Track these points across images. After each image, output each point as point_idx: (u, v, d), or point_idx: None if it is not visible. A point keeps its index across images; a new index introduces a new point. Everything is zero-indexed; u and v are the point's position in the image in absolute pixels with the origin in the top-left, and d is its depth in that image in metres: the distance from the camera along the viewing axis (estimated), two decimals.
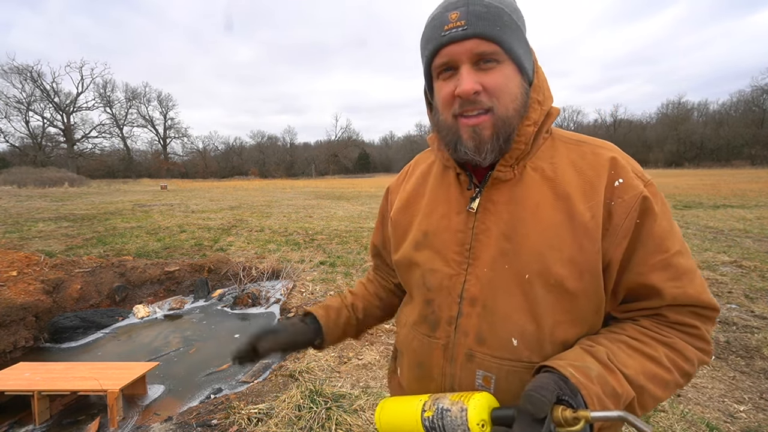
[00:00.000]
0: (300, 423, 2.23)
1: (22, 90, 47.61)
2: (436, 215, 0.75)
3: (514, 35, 0.63)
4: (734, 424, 2.22)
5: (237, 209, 13.02)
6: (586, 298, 0.64)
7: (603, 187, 0.63)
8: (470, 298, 0.68)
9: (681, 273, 0.63)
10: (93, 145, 54.91)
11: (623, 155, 0.68)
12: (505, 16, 0.62)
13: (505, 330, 0.65)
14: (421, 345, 0.74)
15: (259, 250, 6.96)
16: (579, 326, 0.65)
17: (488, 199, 0.69)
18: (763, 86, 51.61)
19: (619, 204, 0.62)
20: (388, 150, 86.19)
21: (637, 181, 0.64)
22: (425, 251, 0.75)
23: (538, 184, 0.67)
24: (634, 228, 0.62)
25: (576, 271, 0.62)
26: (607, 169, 0.65)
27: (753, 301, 3.99)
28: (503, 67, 0.63)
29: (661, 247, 0.62)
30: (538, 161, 0.68)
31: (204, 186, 33.47)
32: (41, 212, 11.46)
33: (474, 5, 0.61)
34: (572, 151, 0.69)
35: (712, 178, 24.77)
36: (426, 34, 0.66)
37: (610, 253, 0.63)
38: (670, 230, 0.63)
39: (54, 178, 27.41)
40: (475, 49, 0.61)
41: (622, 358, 0.60)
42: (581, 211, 0.63)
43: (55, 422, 2.92)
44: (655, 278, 0.62)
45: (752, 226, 7.94)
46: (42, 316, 4.49)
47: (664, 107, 66.69)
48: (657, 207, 0.63)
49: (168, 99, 67.87)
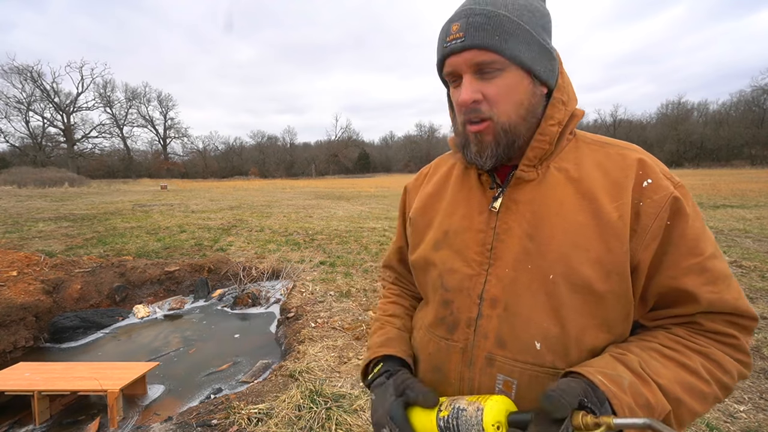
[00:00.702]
0: (300, 423, 2.23)
1: (22, 90, 47.68)
2: (458, 215, 0.74)
3: (518, 41, 0.62)
4: (734, 424, 2.22)
5: (237, 209, 13.02)
6: (614, 301, 0.61)
7: (630, 188, 0.62)
8: (491, 299, 0.66)
9: (717, 277, 0.60)
10: (93, 145, 55.00)
11: (651, 157, 0.67)
12: (508, 24, 0.61)
13: (527, 332, 0.63)
14: (438, 348, 0.72)
15: (259, 250, 6.96)
16: (607, 332, 0.63)
17: (511, 199, 0.69)
18: (763, 86, 51.61)
19: (648, 204, 0.61)
20: (388, 150, 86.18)
21: (666, 181, 0.62)
22: (444, 251, 0.73)
23: (562, 184, 0.66)
24: (665, 229, 0.60)
25: (603, 272, 0.60)
26: (634, 170, 0.64)
27: (753, 301, 3.99)
28: (506, 75, 0.63)
29: (694, 249, 0.60)
30: (562, 162, 0.68)
31: (204, 186, 33.47)
32: (41, 212, 11.46)
33: (474, 16, 0.62)
34: (597, 153, 0.68)
35: (712, 178, 24.77)
36: (437, 44, 0.68)
37: (638, 255, 0.61)
38: (703, 232, 0.62)
39: (54, 178, 27.42)
40: (473, 59, 0.62)
41: (655, 368, 0.57)
42: (608, 211, 0.61)
43: (55, 422, 2.92)
44: (690, 282, 0.60)
45: (752, 226, 7.93)
46: (42, 316, 4.49)
47: (664, 107, 66.68)
48: (688, 208, 0.61)
49: (168, 99, 67.95)
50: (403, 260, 0.95)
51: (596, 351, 0.62)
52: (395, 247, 0.97)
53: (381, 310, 0.92)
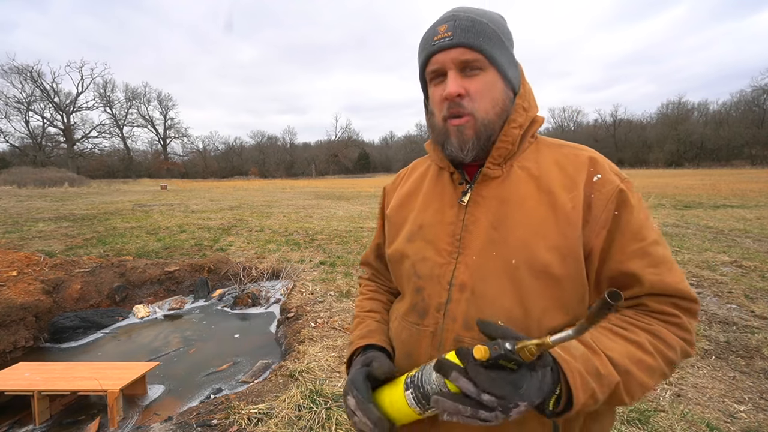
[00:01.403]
0: (300, 423, 2.23)
1: (22, 90, 47.71)
2: (431, 210, 0.81)
3: (497, 47, 0.70)
4: (734, 424, 2.21)
5: (237, 209, 13.02)
6: (570, 284, 0.67)
7: (583, 182, 0.69)
8: (459, 284, 0.71)
9: (659, 261, 0.66)
10: (93, 145, 55.03)
11: (601, 156, 0.74)
12: (489, 31, 0.70)
13: (491, 314, 0.68)
14: (409, 335, 0.77)
15: (259, 250, 6.96)
16: (565, 314, 0.68)
17: (478, 194, 0.75)
18: (763, 86, 51.60)
19: (597, 197, 0.68)
20: (388, 150, 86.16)
21: (614, 176, 0.70)
22: (417, 242, 0.79)
23: (524, 180, 0.73)
24: (612, 218, 0.67)
25: (560, 257, 0.66)
26: (586, 166, 0.71)
27: (753, 301, 3.99)
28: (486, 74, 0.70)
29: (638, 235, 0.66)
30: (524, 161, 0.75)
31: (204, 186, 33.48)
32: (41, 212, 11.47)
33: (460, 20, 0.69)
34: (555, 152, 0.76)
35: (712, 178, 24.77)
36: (420, 46, 0.76)
37: (591, 242, 0.67)
38: (646, 221, 0.68)
39: (54, 178, 27.43)
40: (460, 56, 0.69)
41: (605, 342, 0.61)
42: (563, 202, 0.68)
43: (55, 422, 2.92)
44: (634, 265, 0.65)
45: (752, 226, 7.93)
46: (42, 316, 4.49)
47: (664, 107, 66.66)
48: (633, 200, 0.68)
49: (168, 99, 67.98)
50: (380, 256, 1.00)
51: (555, 331, 0.65)
52: (374, 245, 1.02)
53: (359, 307, 0.96)
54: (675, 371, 2.74)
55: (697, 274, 4.92)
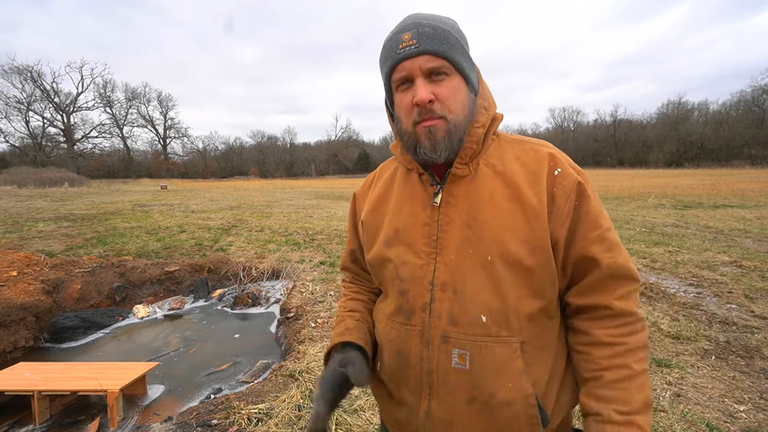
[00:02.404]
0: (300, 423, 2.23)
1: (22, 90, 47.70)
2: (405, 213, 0.82)
3: (459, 52, 0.73)
4: (734, 424, 2.21)
5: (237, 209, 13.02)
6: (541, 272, 0.72)
7: (545, 177, 0.74)
8: (441, 284, 0.74)
9: (613, 245, 0.73)
10: (93, 145, 55.03)
11: (558, 151, 0.79)
12: (451, 37, 0.72)
13: (474, 309, 0.72)
14: (398, 334, 0.79)
15: (259, 250, 6.96)
16: (539, 299, 0.73)
17: (449, 194, 0.78)
18: (763, 86, 51.61)
19: (559, 189, 0.73)
20: (388, 150, 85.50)
21: (571, 170, 0.75)
22: (396, 246, 0.81)
23: (491, 177, 0.76)
24: (574, 209, 0.73)
25: (530, 249, 0.71)
26: (547, 162, 0.76)
27: (753, 301, 3.99)
28: (452, 80, 0.73)
29: (595, 223, 0.73)
30: (490, 158, 0.79)
31: (204, 186, 33.48)
32: (41, 212, 11.47)
33: (423, 27, 0.71)
34: (516, 149, 0.80)
35: (712, 178, 24.76)
36: (383, 53, 0.77)
37: (556, 232, 0.72)
38: (600, 210, 0.75)
39: (54, 178, 27.43)
40: (427, 64, 0.71)
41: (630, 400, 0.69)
42: (529, 197, 0.73)
43: (55, 422, 2.92)
44: (594, 250, 0.72)
45: (752, 226, 7.94)
46: (42, 316, 4.49)
47: (664, 107, 66.67)
48: (589, 190, 0.74)
49: (168, 99, 68.06)
50: (356, 261, 1.04)
51: (532, 316, 0.73)
52: (348, 251, 1.05)
53: (341, 308, 1.00)
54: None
55: (697, 274, 4.92)
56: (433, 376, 0.74)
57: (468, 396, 0.72)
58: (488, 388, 0.71)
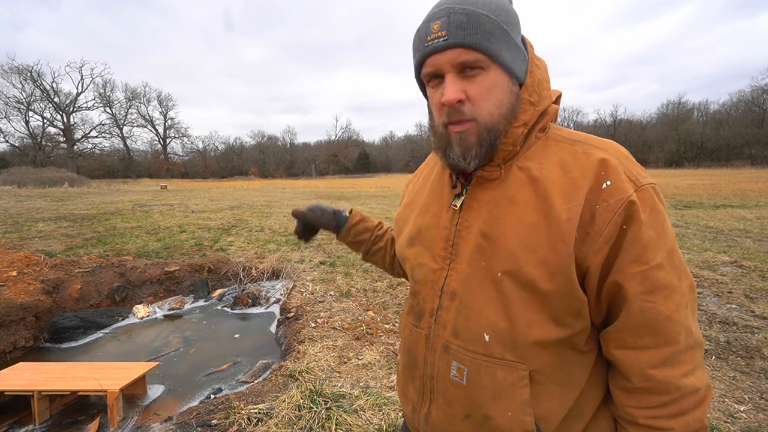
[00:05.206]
0: (300, 423, 2.23)
1: (22, 90, 47.65)
2: (430, 213, 0.79)
3: (498, 40, 0.62)
4: (734, 424, 2.21)
5: (237, 209, 13.02)
6: (560, 300, 0.62)
7: (587, 189, 0.61)
8: (450, 292, 0.71)
9: (656, 288, 0.59)
10: (93, 145, 54.95)
11: (620, 156, 0.64)
12: (488, 23, 0.61)
13: (477, 325, 0.67)
14: (410, 333, 0.79)
15: (259, 250, 6.95)
16: (557, 327, 0.63)
17: (473, 198, 0.71)
18: (763, 86, 51.59)
19: (603, 208, 0.59)
20: (388, 150, 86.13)
21: (627, 184, 0.60)
22: (417, 247, 0.79)
23: (521, 183, 0.66)
24: (618, 233, 0.59)
25: (548, 273, 0.61)
26: (594, 170, 0.62)
27: (753, 301, 3.99)
28: (488, 74, 0.63)
29: (641, 256, 0.59)
30: (527, 161, 0.67)
31: (204, 186, 33.47)
32: (41, 212, 11.46)
33: (455, 14, 0.61)
34: (564, 150, 0.66)
35: (712, 178, 24.76)
36: (414, 44, 0.68)
37: (589, 258, 0.60)
38: (655, 240, 0.59)
39: (54, 178, 27.41)
40: (457, 58, 0.61)
41: None
42: (558, 212, 0.61)
43: (55, 422, 2.92)
44: (630, 289, 0.60)
45: (752, 226, 7.93)
46: (42, 316, 4.49)
47: (664, 107, 66.67)
48: (644, 214, 0.59)
49: (168, 99, 68.05)
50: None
51: (546, 343, 0.64)
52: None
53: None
54: None
55: (697, 274, 4.91)
56: (434, 383, 0.73)
57: (464, 411, 0.69)
58: (484, 409, 0.66)
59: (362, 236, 1.07)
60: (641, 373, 0.61)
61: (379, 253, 1.08)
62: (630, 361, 0.62)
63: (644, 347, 0.61)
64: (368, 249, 1.08)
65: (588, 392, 0.67)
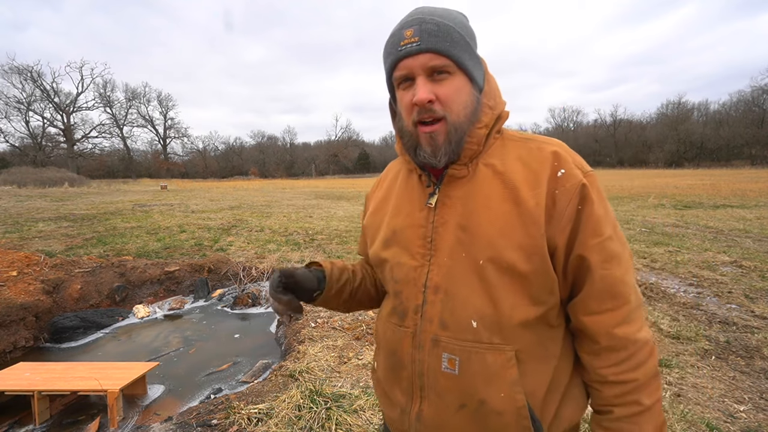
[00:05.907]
0: (300, 423, 2.23)
1: (22, 90, 47.67)
2: (402, 214, 0.82)
3: (463, 50, 0.70)
4: (734, 424, 2.21)
5: (237, 209, 13.02)
6: (537, 279, 0.69)
7: (547, 178, 0.70)
8: (433, 286, 0.74)
9: (610, 256, 0.69)
10: (93, 145, 54.98)
11: (566, 149, 0.74)
12: (455, 34, 0.69)
13: (464, 313, 0.71)
14: (393, 335, 0.80)
15: (259, 250, 6.95)
16: (536, 306, 0.70)
17: (445, 195, 0.76)
18: (763, 86, 51.58)
19: (562, 192, 0.69)
20: (388, 150, 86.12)
21: (577, 171, 0.70)
22: (393, 248, 0.81)
23: (489, 178, 0.73)
24: (576, 213, 0.69)
25: (525, 255, 0.68)
26: (550, 162, 0.71)
27: (753, 301, 3.99)
28: (454, 78, 0.70)
29: (596, 230, 0.69)
30: (490, 158, 0.75)
31: (204, 186, 33.47)
32: (41, 212, 11.46)
33: (426, 24, 0.68)
34: (520, 148, 0.75)
35: (712, 178, 24.76)
36: (386, 49, 0.74)
37: (556, 238, 0.69)
38: (604, 216, 0.70)
39: (54, 178, 27.41)
40: (429, 62, 0.68)
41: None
42: (527, 199, 0.69)
43: (55, 422, 2.92)
44: (591, 259, 0.69)
45: (752, 226, 7.94)
46: (42, 316, 4.49)
47: (664, 107, 66.65)
48: (594, 194, 0.69)
49: (168, 99, 68.06)
50: (367, 262, 1.04)
51: (527, 323, 0.70)
52: (358, 254, 1.10)
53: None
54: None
55: (697, 274, 4.92)
56: (424, 379, 0.74)
57: (458, 401, 0.71)
58: (478, 395, 0.70)
59: (343, 276, 0.94)
60: (607, 333, 0.69)
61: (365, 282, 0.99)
62: (597, 326, 0.70)
63: (607, 310, 0.69)
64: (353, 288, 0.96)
65: (561, 364, 0.74)
